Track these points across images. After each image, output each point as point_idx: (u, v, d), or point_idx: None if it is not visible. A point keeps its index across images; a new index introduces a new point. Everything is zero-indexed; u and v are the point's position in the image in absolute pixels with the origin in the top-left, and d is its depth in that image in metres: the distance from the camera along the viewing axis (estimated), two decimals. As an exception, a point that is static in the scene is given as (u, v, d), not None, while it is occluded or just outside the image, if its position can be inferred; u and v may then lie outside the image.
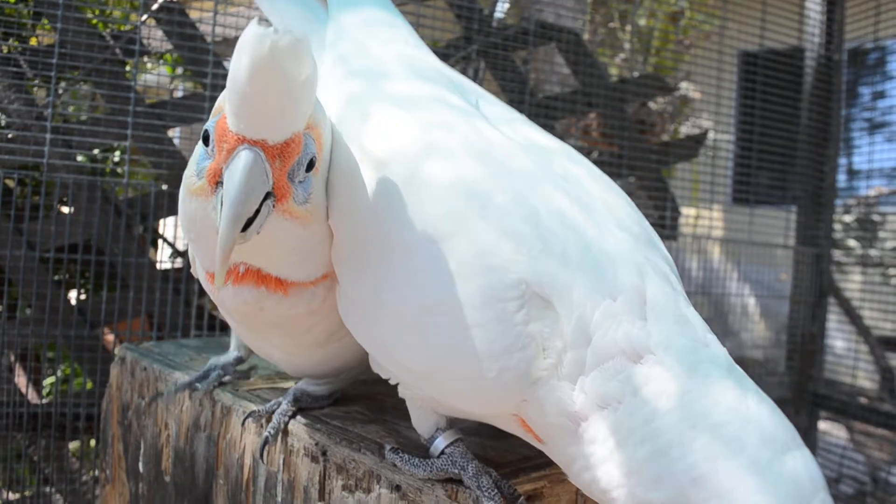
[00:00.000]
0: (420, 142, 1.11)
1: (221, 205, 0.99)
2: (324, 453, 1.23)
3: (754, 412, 0.87)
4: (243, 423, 1.41)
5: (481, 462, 1.10)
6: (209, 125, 1.05)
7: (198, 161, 1.07)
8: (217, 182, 1.03)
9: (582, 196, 1.08)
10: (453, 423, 1.17)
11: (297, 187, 1.07)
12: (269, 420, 1.37)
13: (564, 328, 0.95)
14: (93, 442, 2.87)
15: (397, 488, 1.10)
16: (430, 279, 1.00)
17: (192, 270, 1.45)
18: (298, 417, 1.36)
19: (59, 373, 3.00)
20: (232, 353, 1.67)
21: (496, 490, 1.04)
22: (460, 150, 1.09)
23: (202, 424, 1.56)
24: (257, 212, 1.02)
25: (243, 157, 0.98)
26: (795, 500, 0.81)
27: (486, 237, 1.00)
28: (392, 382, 1.18)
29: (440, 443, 1.14)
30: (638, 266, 1.00)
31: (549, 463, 1.10)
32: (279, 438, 1.33)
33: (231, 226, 0.97)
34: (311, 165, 1.08)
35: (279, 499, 1.32)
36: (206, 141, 1.06)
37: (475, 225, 1.01)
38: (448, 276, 0.99)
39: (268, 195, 1.02)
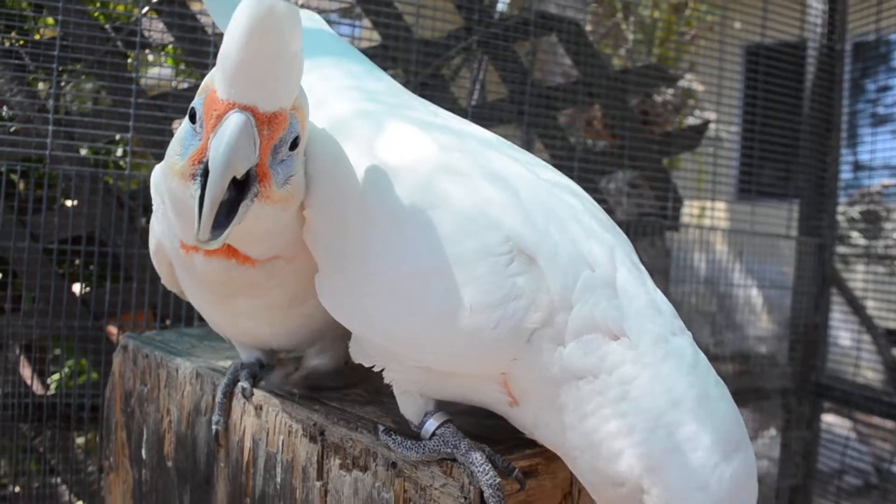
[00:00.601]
0: (426, 153, 1.15)
1: (201, 190, 1.01)
2: (321, 433, 1.24)
3: (712, 411, 0.95)
4: (250, 394, 1.41)
5: (474, 440, 1.11)
6: (196, 103, 1.07)
7: (183, 140, 1.08)
8: (199, 163, 1.04)
9: (555, 191, 1.14)
10: (441, 407, 1.19)
11: (276, 170, 1.08)
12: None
13: (551, 285, 1.01)
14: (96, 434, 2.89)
15: (393, 465, 1.11)
16: (419, 246, 1.04)
17: (150, 242, 1.48)
18: (297, 400, 1.37)
19: (65, 368, 3.02)
20: (253, 355, 1.60)
21: (490, 464, 1.05)
22: (463, 163, 1.13)
23: (203, 409, 1.57)
24: (236, 208, 1.03)
25: (234, 118, 0.99)
26: (734, 501, 0.91)
27: (471, 206, 1.05)
28: (377, 369, 1.19)
29: (430, 425, 1.15)
30: (610, 247, 1.06)
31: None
32: (277, 418, 1.35)
33: (218, 185, 0.98)
34: (294, 144, 1.10)
35: (278, 479, 1.33)
36: (192, 118, 1.07)
37: (460, 198, 1.06)
38: (437, 240, 1.03)
39: (250, 186, 1.04)
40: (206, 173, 1.01)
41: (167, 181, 1.13)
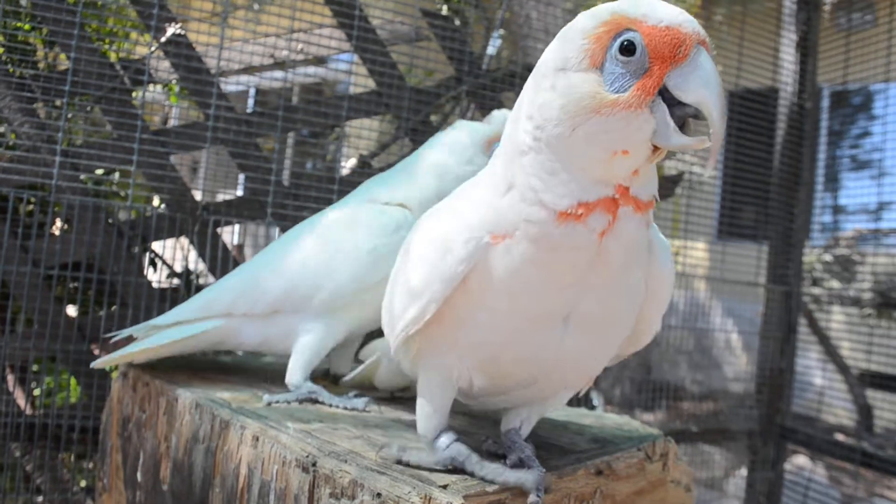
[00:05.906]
0: None
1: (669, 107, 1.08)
2: (314, 464, 1.37)
3: None
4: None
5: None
6: (631, 36, 1.09)
7: (609, 78, 1.11)
8: (654, 92, 1.08)
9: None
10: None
11: None
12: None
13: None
14: (78, 455, 2.97)
15: (378, 496, 1.24)
16: None
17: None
18: (291, 432, 1.50)
19: (55, 386, 3.10)
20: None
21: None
22: None
23: (201, 437, 1.69)
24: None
25: (707, 56, 1.07)
26: None
27: None
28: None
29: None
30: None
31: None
32: (272, 449, 1.47)
33: (724, 117, 1.07)
34: None
35: (271, 505, 1.45)
36: (627, 51, 1.09)
37: None
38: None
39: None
40: (664, 98, 1.08)
41: (591, 125, 1.11)
